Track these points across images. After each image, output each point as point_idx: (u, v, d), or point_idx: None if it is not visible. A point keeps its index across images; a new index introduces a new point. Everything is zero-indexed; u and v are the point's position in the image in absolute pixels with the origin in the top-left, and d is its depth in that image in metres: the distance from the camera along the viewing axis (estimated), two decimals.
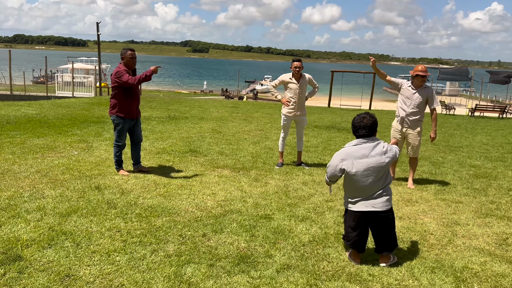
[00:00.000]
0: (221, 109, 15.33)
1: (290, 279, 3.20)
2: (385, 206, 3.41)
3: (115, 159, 5.82)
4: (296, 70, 6.41)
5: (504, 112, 21.40)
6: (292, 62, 6.49)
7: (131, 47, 5.81)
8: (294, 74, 6.48)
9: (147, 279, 3.06)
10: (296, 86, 6.49)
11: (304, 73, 6.57)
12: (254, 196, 5.14)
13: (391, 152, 3.46)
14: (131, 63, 5.59)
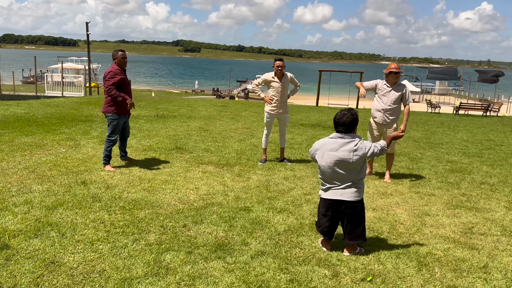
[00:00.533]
0: (210, 108, 15.52)
1: (263, 264, 3.41)
2: (353, 197, 3.62)
3: (106, 154, 6.01)
4: (278, 69, 6.63)
5: (488, 110, 21.85)
6: (275, 62, 6.72)
7: (122, 48, 6.24)
8: (277, 73, 6.70)
9: (128, 265, 3.25)
10: (279, 84, 6.71)
11: (286, 72, 6.79)
12: (236, 190, 5.35)
13: (362, 150, 3.58)
14: (123, 63, 6.02)
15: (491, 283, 3.29)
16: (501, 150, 9.38)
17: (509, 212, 5.00)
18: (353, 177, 3.64)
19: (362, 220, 3.69)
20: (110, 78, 5.86)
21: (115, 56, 5.98)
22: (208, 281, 3.12)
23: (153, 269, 3.22)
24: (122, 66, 6.01)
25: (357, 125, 3.69)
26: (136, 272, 3.15)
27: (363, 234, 3.68)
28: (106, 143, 6.02)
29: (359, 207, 3.67)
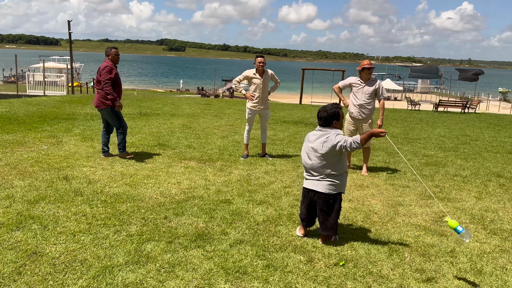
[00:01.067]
0: (194, 106, 15.57)
1: (241, 251, 3.55)
2: (326, 190, 3.75)
3: (123, 145, 6.49)
4: (260, 65, 6.76)
5: (466, 107, 22.40)
6: (256, 58, 6.85)
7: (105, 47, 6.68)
8: (258, 70, 6.83)
9: (109, 254, 3.35)
10: (260, 81, 6.84)
11: (267, 69, 6.93)
12: (217, 184, 5.47)
13: (330, 142, 3.68)
14: (116, 60, 6.42)
15: (456, 266, 3.48)
16: (476, 144, 9.70)
17: (479, 201, 5.24)
18: (328, 170, 3.74)
19: (334, 213, 3.77)
20: (107, 72, 6.17)
21: (109, 53, 6.34)
22: (187, 267, 3.24)
23: (134, 258, 3.32)
24: (116, 62, 6.39)
25: (338, 119, 3.78)
26: (117, 261, 3.25)
27: (334, 227, 3.76)
28: (121, 135, 6.47)
29: (332, 201, 3.76)
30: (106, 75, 6.17)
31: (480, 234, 4.16)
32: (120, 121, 6.46)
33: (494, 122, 15.88)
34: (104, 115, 6.47)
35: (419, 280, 3.22)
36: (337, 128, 3.81)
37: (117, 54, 6.44)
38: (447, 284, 3.17)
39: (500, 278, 3.29)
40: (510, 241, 4.02)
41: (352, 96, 6.43)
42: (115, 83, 6.31)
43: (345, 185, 3.87)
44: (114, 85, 6.28)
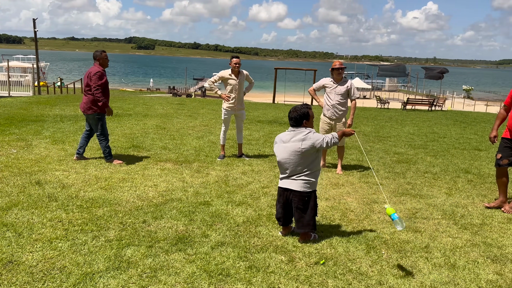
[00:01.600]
0: (167, 106, 15.40)
1: (223, 253, 3.56)
2: (301, 188, 3.82)
3: (107, 151, 6.32)
4: (236, 66, 6.76)
5: (433, 105, 23.15)
6: (231, 59, 6.83)
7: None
8: (233, 71, 6.83)
9: (89, 261, 3.29)
10: (236, 82, 6.84)
11: (242, 70, 6.94)
12: (195, 186, 5.45)
13: (310, 140, 3.78)
14: (106, 63, 6.31)
15: (431, 261, 3.62)
16: (444, 141, 10.05)
17: (449, 198, 5.44)
18: (303, 169, 3.81)
19: (310, 210, 3.84)
20: (98, 78, 6.03)
21: (99, 57, 6.20)
22: (170, 272, 3.22)
23: (114, 264, 3.28)
24: (106, 65, 6.29)
25: (307, 119, 3.86)
26: (97, 267, 3.20)
27: (310, 223, 3.83)
28: (102, 142, 6.30)
29: (307, 198, 3.84)
30: (97, 81, 6.03)
31: (452, 229, 4.33)
32: (103, 129, 6.32)
33: (460, 119, 16.49)
34: (90, 120, 6.33)
35: (397, 276, 3.32)
36: (308, 127, 3.90)
37: (107, 58, 6.35)
38: (424, 279, 3.29)
39: (473, 271, 3.44)
40: (480, 235, 4.21)
41: (326, 97, 6.55)
42: (105, 88, 6.22)
43: (317, 183, 3.97)
44: (106, 91, 6.24)
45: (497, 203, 5.08)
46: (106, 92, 6.24)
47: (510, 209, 4.92)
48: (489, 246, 3.95)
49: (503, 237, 4.17)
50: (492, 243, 4.02)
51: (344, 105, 6.46)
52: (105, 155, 6.35)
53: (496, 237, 4.16)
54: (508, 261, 3.64)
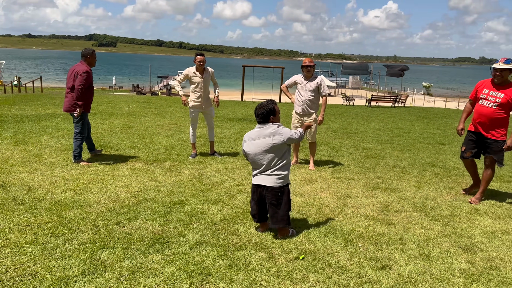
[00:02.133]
0: (132, 104, 15.04)
1: (202, 252, 3.51)
2: (274, 183, 3.82)
3: (78, 151, 6.17)
4: (200, 64, 6.64)
5: (396, 101, 23.85)
6: (196, 56, 6.71)
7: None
8: (198, 68, 6.70)
9: (62, 265, 3.15)
10: (200, 79, 6.71)
11: (207, 67, 6.84)
12: (168, 185, 5.34)
13: (281, 135, 3.80)
14: (94, 62, 6.29)
15: (406, 252, 3.71)
16: (409, 136, 10.37)
17: (419, 190, 5.62)
18: (275, 163, 3.82)
19: (283, 205, 3.85)
20: (84, 78, 5.95)
21: (89, 56, 6.15)
22: (148, 273, 3.14)
23: (90, 267, 3.16)
24: (93, 64, 6.26)
25: (274, 114, 3.88)
26: (72, 271, 3.07)
27: (284, 218, 3.83)
28: (77, 141, 6.17)
29: (280, 193, 3.85)
30: (82, 80, 5.92)
31: (423, 221, 4.47)
32: (83, 128, 6.22)
33: (422, 115, 17.08)
34: (74, 118, 6.22)
35: (375, 269, 3.39)
36: (276, 122, 3.92)
37: (95, 57, 6.31)
38: (400, 271, 3.37)
39: (446, 261, 3.56)
40: (451, 226, 4.37)
41: (297, 93, 6.60)
42: (89, 88, 6.15)
43: (289, 176, 4.00)
44: (91, 90, 6.19)
45: (469, 189, 5.58)
46: (91, 92, 6.19)
47: (476, 200, 5.14)
48: (459, 236, 4.10)
49: (472, 227, 4.34)
50: (462, 233, 4.18)
51: (314, 101, 6.53)
52: (75, 154, 6.16)
53: (465, 227, 4.33)
54: (478, 250, 3.80)
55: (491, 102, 4.98)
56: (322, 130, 10.64)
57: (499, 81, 4.94)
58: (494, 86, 5.01)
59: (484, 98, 5.06)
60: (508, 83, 4.94)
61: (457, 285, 3.18)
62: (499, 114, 4.96)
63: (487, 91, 5.06)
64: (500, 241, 4.03)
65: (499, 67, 4.88)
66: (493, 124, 5.01)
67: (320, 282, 3.15)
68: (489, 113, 4.99)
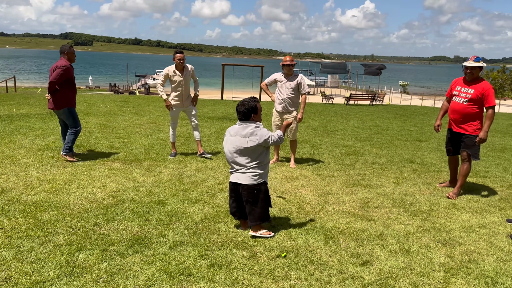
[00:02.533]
0: (110, 103, 14.77)
1: (182, 253, 3.45)
2: (249, 181, 3.79)
3: (69, 145, 6.22)
4: (180, 61, 6.51)
5: (374, 99, 24.18)
6: (175, 54, 6.56)
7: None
8: (178, 66, 6.58)
9: (37, 269, 3.05)
10: (181, 78, 6.58)
11: (187, 64, 6.71)
12: (147, 185, 5.25)
13: (256, 137, 3.75)
14: (73, 58, 6.31)
15: (387, 247, 3.74)
16: (387, 134, 10.51)
17: (397, 186, 5.68)
18: (250, 162, 3.78)
19: (260, 203, 3.80)
20: (63, 72, 5.99)
21: (67, 51, 6.20)
22: (127, 275, 3.06)
23: (67, 270, 3.06)
24: (73, 60, 6.29)
25: (256, 112, 3.83)
26: (48, 275, 2.97)
27: (260, 216, 3.80)
28: (71, 135, 6.24)
29: (255, 191, 3.80)
30: (57, 74, 5.96)
31: (403, 217, 4.52)
32: (75, 121, 6.34)
33: (400, 112, 17.36)
34: (61, 115, 6.31)
35: (356, 264, 3.40)
36: (256, 121, 3.88)
37: (74, 52, 6.36)
38: (381, 266, 3.39)
39: (426, 256, 3.60)
40: (429, 221, 4.43)
41: (277, 91, 6.60)
42: (71, 84, 6.22)
43: (267, 174, 3.96)
44: (70, 85, 6.20)
45: (446, 184, 5.77)
46: (73, 87, 6.26)
47: (454, 195, 5.24)
48: (438, 231, 4.17)
49: (450, 222, 4.42)
50: (440, 228, 4.25)
51: (294, 99, 6.53)
52: (66, 147, 6.20)
53: (443, 222, 4.40)
54: (457, 244, 3.86)
55: (462, 98, 5.21)
56: (302, 128, 10.68)
57: (470, 78, 5.19)
58: (465, 83, 5.26)
59: (457, 94, 5.30)
60: (479, 80, 5.19)
61: (437, 279, 3.22)
62: (471, 109, 5.16)
63: (460, 88, 5.30)
64: (477, 235, 4.11)
65: (469, 65, 5.13)
66: (466, 119, 5.22)
67: (302, 279, 3.14)
68: (461, 108, 5.23)
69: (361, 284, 3.11)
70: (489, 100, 5.08)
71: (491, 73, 34.29)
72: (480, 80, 5.18)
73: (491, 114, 5.09)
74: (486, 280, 3.24)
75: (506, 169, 6.96)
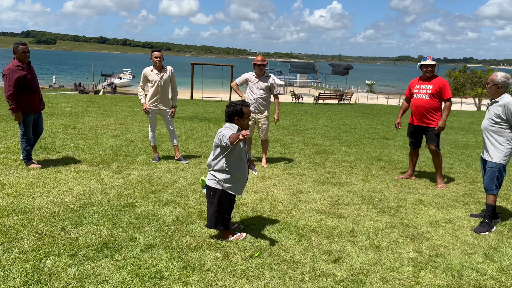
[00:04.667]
0: (75, 104, 14.33)
1: (154, 255, 3.39)
2: (209, 181, 3.73)
3: (25, 154, 5.83)
4: (157, 60, 6.28)
5: (342, 99, 24.61)
6: (152, 53, 6.35)
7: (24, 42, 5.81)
8: (156, 66, 6.36)
9: (2, 276, 2.92)
10: (158, 77, 6.32)
11: (166, 65, 6.50)
12: (116, 187, 5.13)
13: (218, 135, 3.64)
14: (24, 57, 5.65)
15: (358, 244, 3.82)
16: (355, 132, 10.72)
17: (366, 184, 5.81)
18: (213, 163, 3.71)
19: (213, 206, 3.70)
20: (7, 80, 5.50)
21: (15, 50, 5.62)
22: (97, 280, 2.98)
23: (33, 277, 2.95)
24: (23, 61, 5.65)
25: (241, 116, 3.69)
26: (13, 282, 2.85)
27: (212, 219, 3.70)
28: (22, 143, 5.83)
29: (212, 193, 3.72)
30: (6, 85, 5.47)
31: (372, 213, 4.62)
32: (26, 130, 5.80)
33: (367, 111, 17.74)
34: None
35: (328, 261, 3.45)
36: (240, 125, 3.73)
37: (25, 52, 5.63)
38: (353, 262, 3.45)
39: (395, 251, 3.70)
40: (397, 217, 4.55)
41: (248, 91, 6.60)
42: (24, 87, 5.60)
43: (231, 186, 3.71)
44: (26, 88, 5.62)
45: (405, 176, 6.17)
46: (29, 90, 5.67)
47: (443, 185, 5.79)
48: (406, 226, 4.28)
49: (417, 218, 4.55)
50: (408, 223, 4.37)
51: (266, 99, 6.55)
52: (23, 157, 5.87)
53: (411, 218, 4.53)
54: (424, 239, 3.99)
55: (423, 94, 5.71)
56: (273, 127, 10.73)
57: (430, 75, 5.70)
58: (423, 80, 5.79)
59: (417, 92, 5.79)
60: (434, 76, 5.73)
61: (406, 274, 3.31)
62: (433, 103, 5.66)
63: (419, 86, 5.80)
64: (443, 229, 4.26)
65: (430, 63, 5.66)
66: (429, 113, 5.71)
67: (276, 278, 3.15)
68: (423, 103, 5.73)
69: (333, 280, 3.16)
70: (446, 93, 5.64)
71: (453, 72, 35.59)
72: (435, 76, 5.72)
73: (449, 105, 5.67)
74: (453, 273, 3.36)
75: (469, 165, 7.24)
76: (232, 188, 3.73)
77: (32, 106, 5.77)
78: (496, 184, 4.31)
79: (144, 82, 6.51)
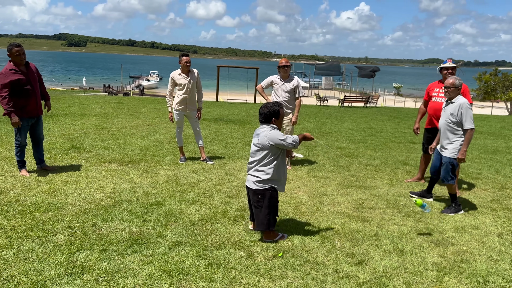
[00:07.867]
0: (105, 105, 14.77)
1: (181, 252, 3.50)
2: (252, 185, 3.82)
3: (17, 159, 5.58)
4: (186, 64, 6.44)
5: (368, 102, 24.36)
6: (181, 57, 6.51)
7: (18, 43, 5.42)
8: (183, 69, 6.51)
9: (38, 268, 3.09)
10: (186, 81, 6.49)
11: (193, 69, 6.64)
12: (145, 186, 5.29)
13: (260, 139, 3.77)
14: (19, 60, 5.30)
15: (381, 247, 3.82)
16: (381, 136, 10.62)
17: (391, 188, 5.78)
18: (257, 164, 3.81)
19: (264, 208, 3.78)
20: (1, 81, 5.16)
21: (10, 53, 5.27)
22: (127, 274, 3.12)
23: (67, 269, 3.11)
24: (19, 63, 5.31)
25: (277, 117, 3.80)
26: (49, 274, 3.02)
27: (264, 222, 3.77)
28: (15, 148, 5.55)
29: (260, 196, 3.80)
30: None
31: (396, 218, 4.61)
32: (20, 136, 5.45)
33: (394, 115, 17.51)
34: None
35: (351, 264, 3.48)
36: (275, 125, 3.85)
37: (20, 54, 5.27)
38: (376, 265, 3.47)
39: (420, 255, 3.69)
40: (423, 222, 4.52)
41: (274, 94, 6.67)
42: (17, 91, 5.25)
43: (279, 182, 3.85)
44: (20, 91, 5.27)
45: (414, 179, 6.19)
46: (24, 94, 5.31)
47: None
48: (431, 231, 4.25)
49: (443, 223, 4.51)
50: (433, 228, 4.34)
51: (291, 102, 6.61)
52: (17, 162, 5.60)
53: (436, 223, 4.49)
54: (449, 244, 3.95)
55: (443, 98, 5.56)
56: (297, 130, 10.76)
57: None
58: (443, 83, 5.61)
59: (436, 95, 5.73)
60: None
61: (430, 278, 3.30)
62: None
63: (438, 89, 5.71)
64: (469, 235, 4.21)
65: (450, 66, 5.57)
66: None
67: (299, 278, 3.21)
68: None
69: (356, 283, 3.18)
70: (466, 97, 5.40)
71: (484, 75, 34.63)
72: None
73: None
74: (478, 279, 3.33)
75: (498, 171, 7.08)
76: (279, 186, 3.89)
77: (26, 110, 5.37)
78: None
79: (173, 86, 6.65)
